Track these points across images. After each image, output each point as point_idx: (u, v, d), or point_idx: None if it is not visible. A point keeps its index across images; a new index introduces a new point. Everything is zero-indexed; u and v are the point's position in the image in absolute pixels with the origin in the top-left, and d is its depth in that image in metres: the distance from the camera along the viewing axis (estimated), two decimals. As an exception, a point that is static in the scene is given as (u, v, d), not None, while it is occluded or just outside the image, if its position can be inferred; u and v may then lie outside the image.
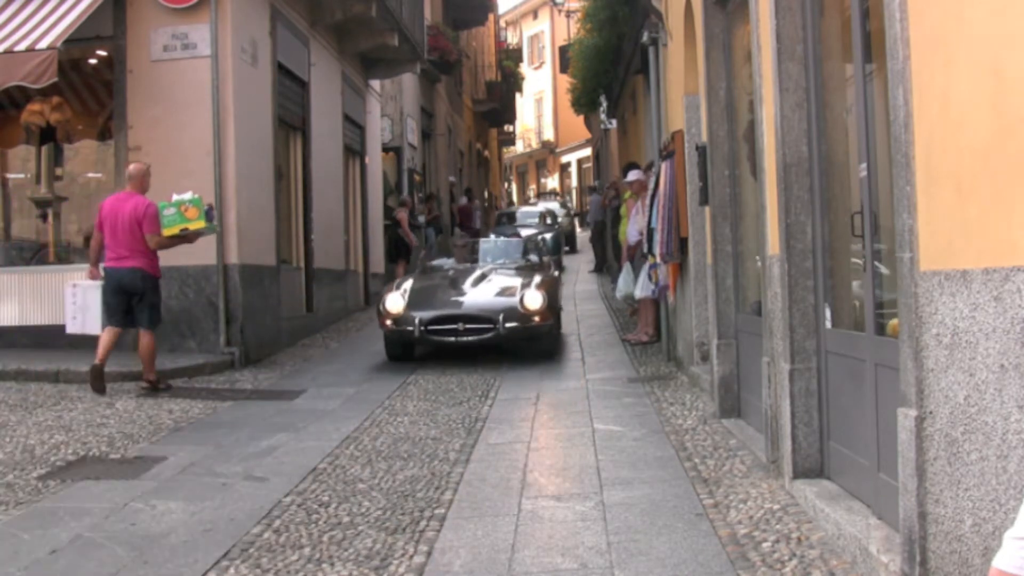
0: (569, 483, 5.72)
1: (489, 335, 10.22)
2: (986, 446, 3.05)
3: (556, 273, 12.84)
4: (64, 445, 6.74)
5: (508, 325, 10.16)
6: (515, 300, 10.43)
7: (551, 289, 10.99)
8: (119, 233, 8.65)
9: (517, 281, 11.07)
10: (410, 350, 10.88)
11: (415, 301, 10.59)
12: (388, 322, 10.40)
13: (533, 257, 12.90)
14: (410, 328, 10.27)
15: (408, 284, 11.15)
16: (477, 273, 11.60)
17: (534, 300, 10.36)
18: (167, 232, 8.82)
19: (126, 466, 6.23)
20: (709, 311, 7.73)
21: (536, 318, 10.30)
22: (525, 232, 20.94)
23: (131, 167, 9.12)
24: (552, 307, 10.66)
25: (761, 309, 5.86)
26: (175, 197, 9.00)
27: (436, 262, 12.86)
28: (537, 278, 11.06)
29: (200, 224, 8.96)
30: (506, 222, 26.45)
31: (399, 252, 18.03)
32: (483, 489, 5.66)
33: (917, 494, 3.46)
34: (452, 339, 10.26)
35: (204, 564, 4.49)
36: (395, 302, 10.52)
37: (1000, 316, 2.92)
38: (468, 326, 10.24)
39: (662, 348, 10.73)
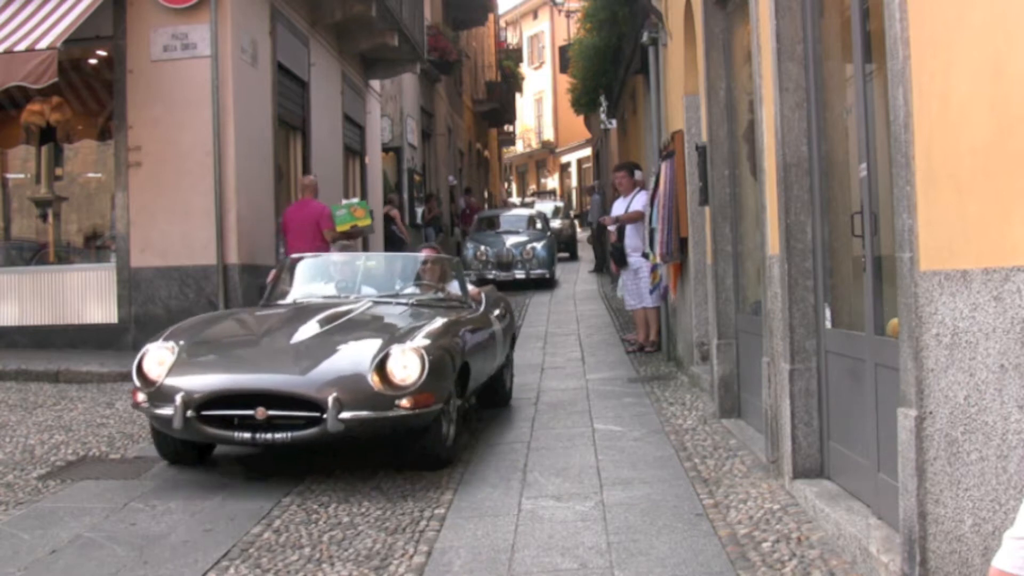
0: (569, 483, 5.72)
1: (310, 432, 5.52)
2: (986, 446, 3.05)
3: (493, 315, 7.80)
4: (64, 445, 6.74)
5: (346, 415, 5.48)
6: (365, 365, 5.70)
7: (452, 346, 6.24)
8: (303, 232, 10.55)
9: (392, 329, 6.37)
10: (200, 449, 6.23)
11: (192, 360, 5.95)
12: (140, 396, 5.80)
13: (453, 286, 7.89)
14: (166, 411, 5.60)
15: (191, 332, 6.31)
16: (332, 311, 6.64)
17: (403, 367, 5.66)
18: (340, 228, 10.98)
19: (126, 466, 6.23)
20: (709, 311, 7.73)
21: (404, 401, 5.58)
22: (511, 240, 19.23)
23: (306, 179, 11.38)
24: (440, 382, 5.86)
25: (761, 309, 5.86)
26: (343, 201, 11.52)
27: (294, 286, 7.63)
28: (432, 325, 6.36)
29: (367, 221, 11.43)
30: (486, 228, 21.07)
31: (393, 249, 17.94)
32: (483, 489, 5.66)
33: (917, 494, 3.46)
34: (247, 435, 5.57)
35: (204, 564, 4.49)
36: (157, 359, 5.87)
37: (1000, 316, 2.92)
38: (274, 412, 5.55)
39: (662, 348, 10.72)
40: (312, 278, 7.86)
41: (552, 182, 51.93)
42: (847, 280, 5.00)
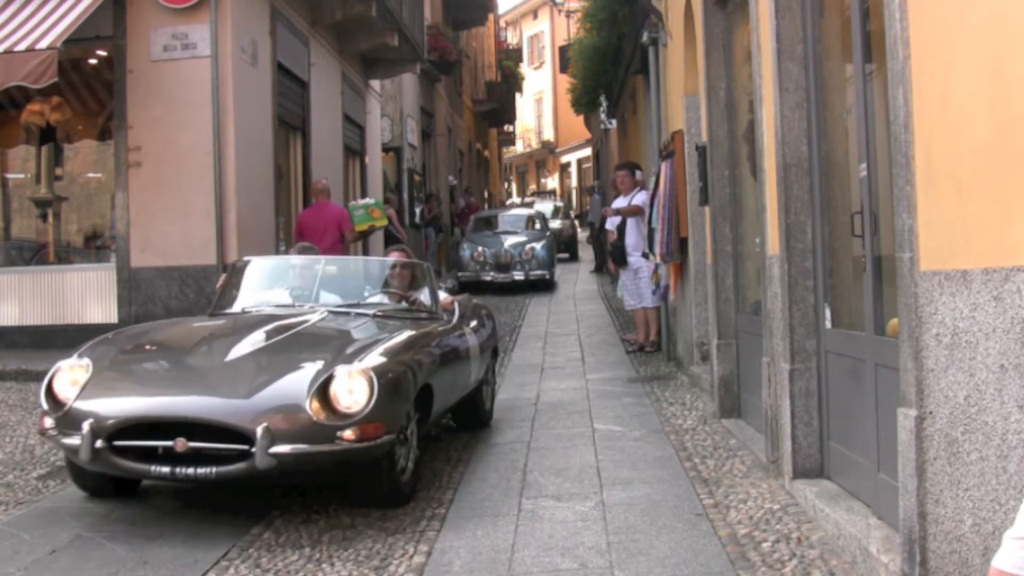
0: (569, 483, 5.72)
1: (237, 468, 4.75)
2: (986, 446, 3.05)
3: (468, 327, 7.00)
4: (64, 445, 6.74)
5: (280, 449, 4.72)
6: (304, 390, 4.93)
7: (411, 366, 5.46)
8: (323, 234, 10.86)
9: (342, 346, 5.54)
10: (120, 482, 5.42)
11: (109, 379, 5.22)
12: (47, 422, 5.09)
13: (423, 294, 6.91)
14: (73, 440, 4.88)
15: (114, 346, 5.62)
16: (279, 323, 5.88)
17: (349, 391, 4.91)
18: (358, 228, 11.69)
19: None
20: (709, 311, 7.74)
21: (348, 432, 4.81)
22: (510, 241, 18.70)
23: (321, 183, 11.82)
24: (393, 408, 5.11)
25: (761, 309, 5.86)
26: (360, 201, 12.28)
27: (244, 293, 6.75)
28: (391, 341, 5.62)
29: (383, 221, 12.05)
30: (484, 228, 20.34)
31: (388, 247, 17.86)
32: (483, 489, 5.66)
33: (917, 494, 3.46)
34: (165, 470, 4.79)
35: (204, 564, 4.49)
36: (70, 379, 5.17)
37: (1000, 316, 2.92)
38: (196, 444, 4.79)
39: (662, 348, 10.72)
40: (266, 284, 7.02)
41: (552, 182, 51.93)
42: (847, 280, 5.00)
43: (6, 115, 11.84)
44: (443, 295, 7.29)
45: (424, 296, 6.93)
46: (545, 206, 29.13)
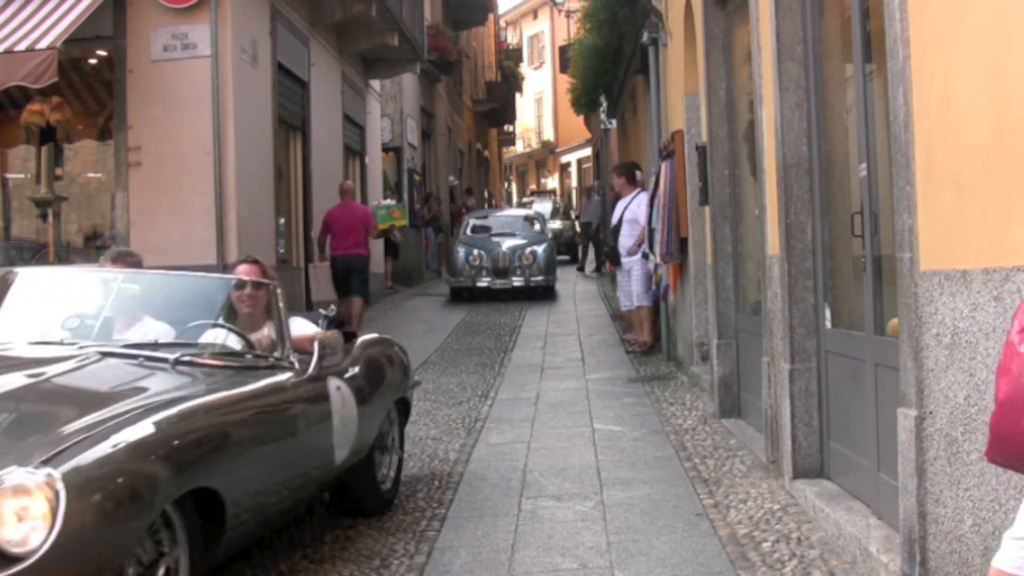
0: (569, 483, 5.72)
1: None
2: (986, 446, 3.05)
3: (339, 379, 4.86)
4: (64, 445, 6.73)
5: None
6: None
7: (165, 462, 3.30)
8: (350, 230, 12.19)
9: (53, 425, 3.31)
10: None
11: None
12: None
13: (268, 328, 4.77)
14: None
15: None
16: (10, 375, 3.86)
17: (16, 516, 2.87)
18: (381, 227, 13.33)
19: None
20: (709, 311, 7.74)
21: None
22: (508, 244, 17.03)
23: (347, 184, 13.17)
24: (104, 540, 2.98)
25: (761, 309, 5.86)
26: (382, 202, 14.21)
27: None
28: (158, 416, 3.44)
29: (403, 222, 13.98)
30: (479, 230, 18.36)
31: (386, 249, 17.64)
32: (483, 489, 5.67)
33: (917, 494, 3.46)
34: None
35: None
36: None
37: (1000, 316, 2.92)
38: None
39: (662, 348, 10.72)
40: (35, 308, 4.83)
41: (552, 182, 51.92)
42: (847, 280, 5.00)
43: (6, 115, 11.83)
44: (307, 328, 5.21)
45: (269, 330, 4.74)
46: (544, 206, 28.29)
